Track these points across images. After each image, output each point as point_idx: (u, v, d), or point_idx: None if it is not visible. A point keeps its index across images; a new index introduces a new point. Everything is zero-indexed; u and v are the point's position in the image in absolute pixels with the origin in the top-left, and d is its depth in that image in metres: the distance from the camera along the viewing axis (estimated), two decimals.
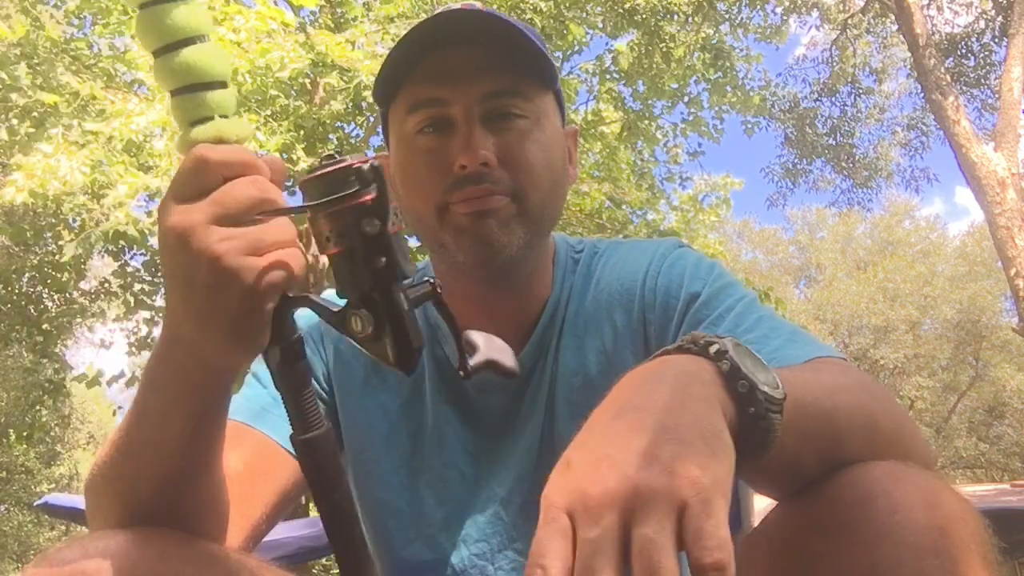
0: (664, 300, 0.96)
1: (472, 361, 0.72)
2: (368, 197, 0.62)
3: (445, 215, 0.92)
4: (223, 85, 0.65)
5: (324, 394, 1.02)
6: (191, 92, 0.64)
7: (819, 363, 0.78)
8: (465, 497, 0.99)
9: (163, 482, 0.71)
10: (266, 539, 0.90)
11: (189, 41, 0.63)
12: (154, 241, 5.92)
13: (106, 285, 9.26)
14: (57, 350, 9.68)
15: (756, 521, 0.73)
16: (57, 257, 8.32)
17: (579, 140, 1.10)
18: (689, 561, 0.45)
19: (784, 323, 0.90)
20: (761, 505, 0.89)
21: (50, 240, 8.51)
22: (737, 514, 1.17)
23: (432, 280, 0.68)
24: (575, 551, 0.47)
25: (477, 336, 0.74)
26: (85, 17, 8.14)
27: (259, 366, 1.02)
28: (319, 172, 0.63)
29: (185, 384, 0.67)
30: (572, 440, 0.54)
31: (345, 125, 8.48)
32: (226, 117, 0.65)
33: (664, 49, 9.66)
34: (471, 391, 1.01)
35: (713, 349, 0.58)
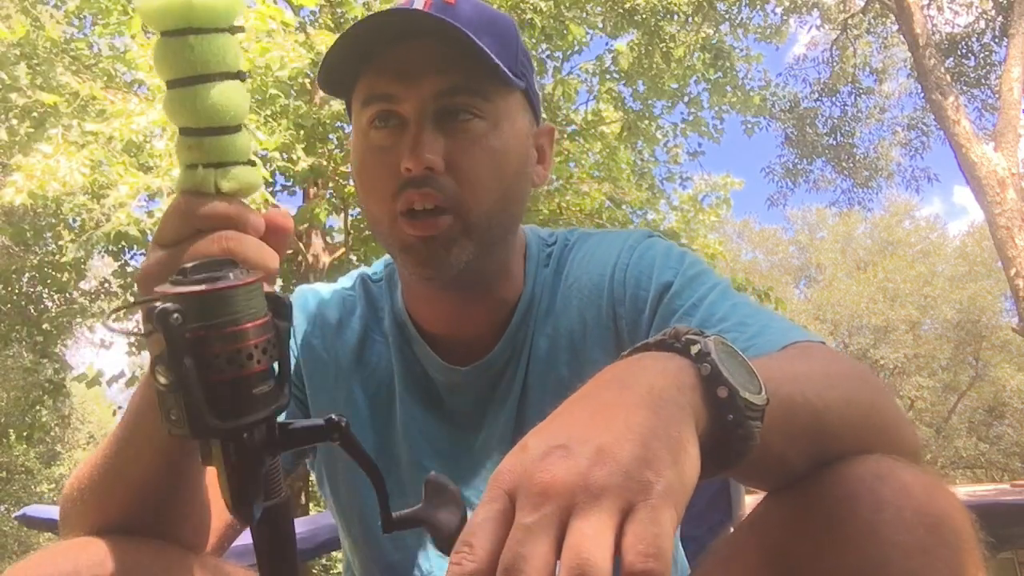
0: (634, 292, 0.94)
1: (400, 513, 0.62)
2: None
3: (394, 228, 0.90)
4: (236, 129, 0.61)
5: (295, 388, 1.02)
6: (199, 136, 0.59)
7: (800, 348, 0.76)
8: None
9: (140, 493, 0.72)
10: None
11: (208, 78, 0.58)
12: None
13: (106, 285, 9.27)
14: (57, 350, 9.69)
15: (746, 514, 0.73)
16: (57, 257, 8.32)
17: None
18: (622, 564, 0.43)
19: (759, 309, 0.88)
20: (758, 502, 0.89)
21: (50, 240, 8.51)
22: (728, 507, 1.17)
23: (334, 418, 0.59)
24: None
25: (435, 483, 0.63)
26: (85, 17, 8.14)
27: None
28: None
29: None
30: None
31: (345, 125, 8.48)
32: (234, 164, 0.61)
33: (664, 49, 9.66)
34: (441, 390, 1.00)
35: (695, 350, 0.55)
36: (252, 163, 0.62)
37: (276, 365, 0.57)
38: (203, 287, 0.52)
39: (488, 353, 0.98)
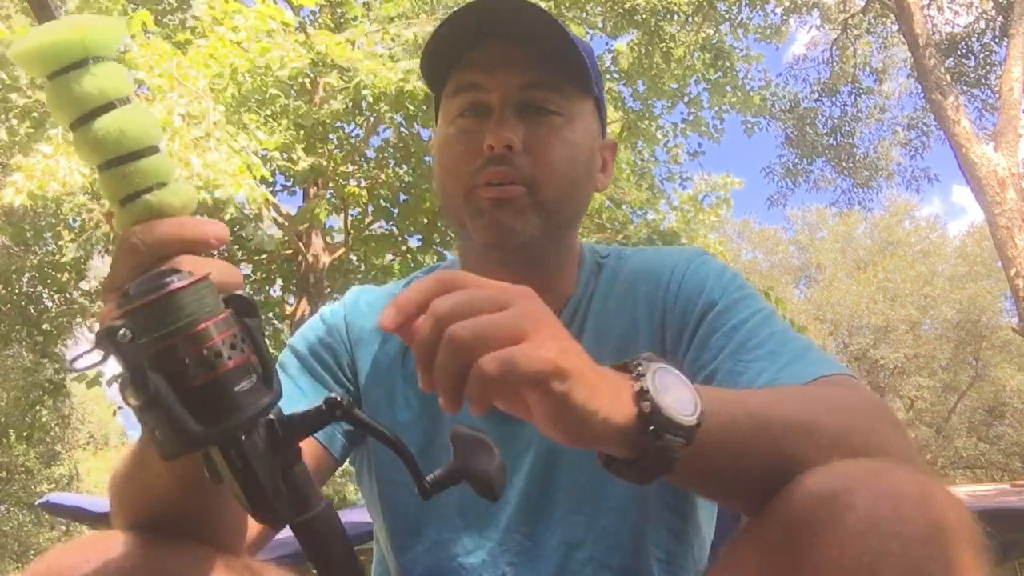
0: (684, 306, 0.98)
1: (434, 476, 0.62)
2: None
3: (470, 197, 0.96)
4: (154, 150, 0.58)
5: (347, 384, 1.03)
6: (118, 165, 0.57)
7: (826, 382, 0.80)
8: (466, 502, 0.98)
9: (166, 506, 0.72)
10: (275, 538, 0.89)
11: (107, 107, 0.56)
12: None
13: None
14: (57, 350, 9.69)
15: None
16: (57, 257, 8.33)
17: (616, 153, 1.13)
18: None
19: (797, 339, 0.89)
20: None
21: (50, 240, 8.51)
22: (738, 513, 1.17)
23: (334, 397, 0.59)
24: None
25: (464, 436, 0.64)
26: None
27: (286, 354, 1.05)
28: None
29: None
30: None
31: (345, 125, 8.49)
32: (164, 185, 0.58)
33: (664, 49, 9.67)
34: None
35: (637, 370, 0.64)
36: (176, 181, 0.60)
37: (256, 359, 0.55)
38: (147, 298, 0.51)
39: None
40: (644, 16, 9.48)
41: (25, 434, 10.44)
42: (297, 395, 0.97)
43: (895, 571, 0.57)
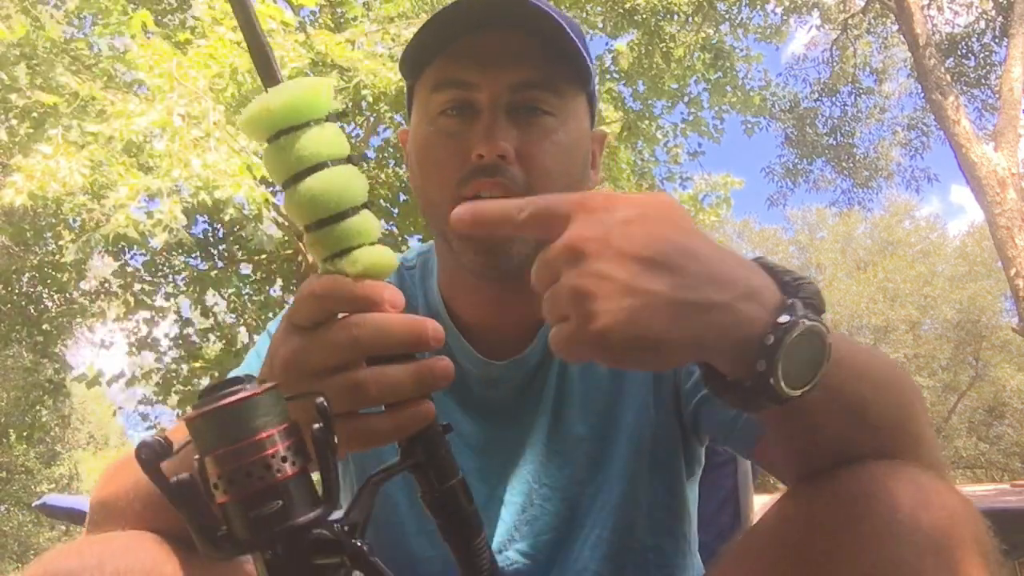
0: None
1: None
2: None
3: None
4: (355, 211, 0.59)
5: None
6: (322, 226, 0.59)
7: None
8: None
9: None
10: None
11: (316, 168, 0.58)
12: (154, 242, 5.92)
13: (106, 285, 9.27)
14: (57, 350, 9.69)
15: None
16: (57, 257, 8.32)
17: (605, 145, 1.06)
18: None
19: None
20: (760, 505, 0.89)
21: (50, 240, 8.51)
22: (736, 512, 1.17)
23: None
24: None
25: None
26: (85, 17, 8.14)
27: (263, 338, 1.04)
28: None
29: None
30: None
31: (345, 125, 8.48)
32: (363, 246, 0.60)
33: (664, 49, 9.66)
34: (475, 384, 0.99)
35: (784, 318, 0.57)
36: (380, 242, 0.61)
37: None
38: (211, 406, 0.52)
39: (526, 348, 0.97)
40: (644, 16, 9.47)
41: (25, 434, 10.43)
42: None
43: None
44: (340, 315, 0.60)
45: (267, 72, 0.60)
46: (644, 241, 0.54)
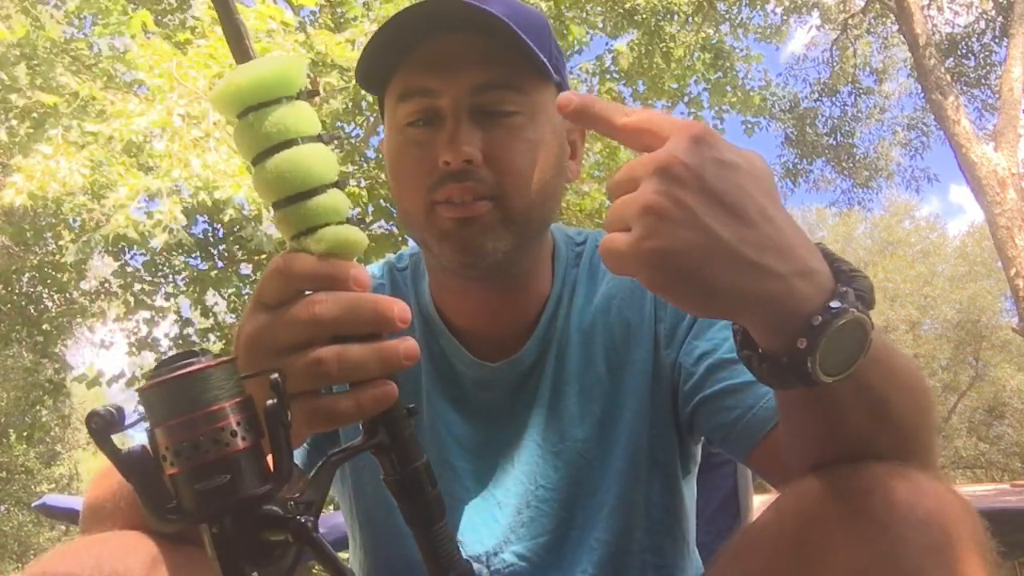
0: None
1: None
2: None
3: (431, 216, 0.89)
4: (323, 190, 0.59)
5: None
6: (289, 204, 0.59)
7: None
8: (460, 494, 0.97)
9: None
10: None
11: (284, 145, 0.58)
12: (154, 242, 5.92)
13: (106, 285, 9.26)
14: (57, 350, 9.68)
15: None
16: (57, 257, 8.32)
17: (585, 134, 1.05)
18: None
19: None
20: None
21: (50, 240, 8.50)
22: (737, 512, 1.17)
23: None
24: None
25: None
26: (85, 17, 8.13)
27: None
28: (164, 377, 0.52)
29: None
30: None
31: (345, 125, 8.48)
32: (331, 224, 0.59)
33: (664, 49, 9.65)
34: (468, 386, 0.99)
35: (834, 305, 0.58)
36: (350, 221, 0.60)
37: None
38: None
39: (518, 349, 0.97)
40: (644, 16, 9.47)
41: (25, 434, 10.41)
42: None
43: None
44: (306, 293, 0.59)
45: (239, 48, 0.59)
46: (730, 187, 0.55)
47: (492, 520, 0.95)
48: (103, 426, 0.51)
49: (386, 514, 0.99)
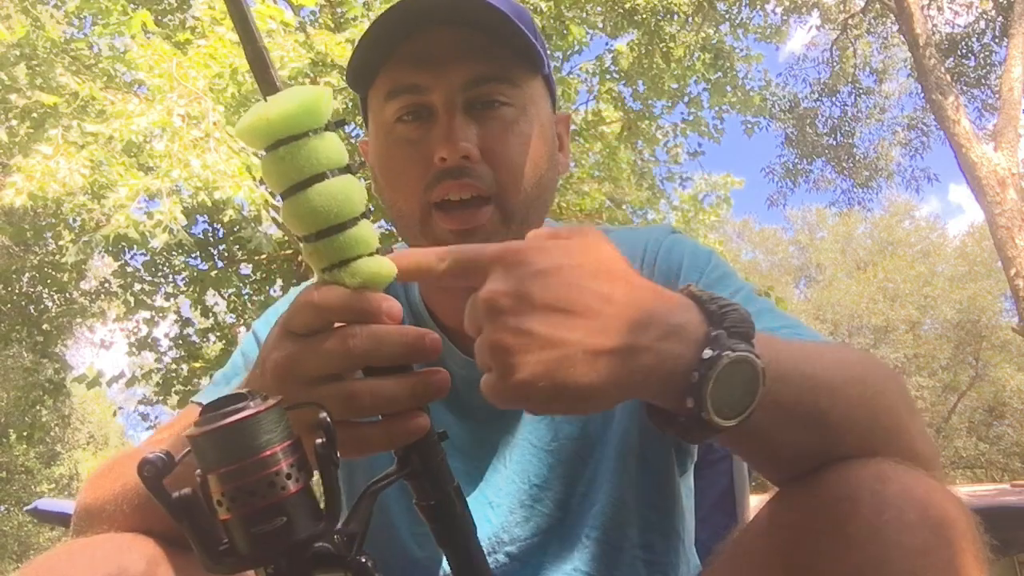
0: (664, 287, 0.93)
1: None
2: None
3: (428, 224, 0.87)
4: (355, 222, 0.59)
5: None
6: (321, 238, 0.58)
7: (827, 346, 0.75)
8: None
9: (171, 531, 0.71)
10: None
11: (315, 179, 0.57)
12: (154, 242, 5.91)
13: (106, 285, 9.26)
14: (57, 350, 9.69)
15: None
16: (57, 257, 8.32)
17: (572, 127, 1.03)
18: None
19: (782, 314, 0.87)
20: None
21: (50, 240, 8.51)
22: (732, 510, 1.17)
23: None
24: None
25: None
26: (85, 17, 8.13)
27: (248, 341, 1.02)
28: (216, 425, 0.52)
29: None
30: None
31: (345, 125, 8.47)
32: (361, 257, 0.59)
33: (664, 49, 9.65)
34: (460, 385, 0.98)
35: (706, 353, 0.57)
36: (378, 252, 0.60)
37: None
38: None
39: None
40: (644, 16, 9.47)
41: (25, 434, 10.41)
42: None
43: None
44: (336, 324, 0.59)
45: (265, 79, 0.59)
46: (558, 292, 0.55)
47: (484, 521, 0.94)
48: (155, 473, 0.52)
49: (381, 515, 0.98)
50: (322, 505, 0.55)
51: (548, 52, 0.95)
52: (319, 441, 0.53)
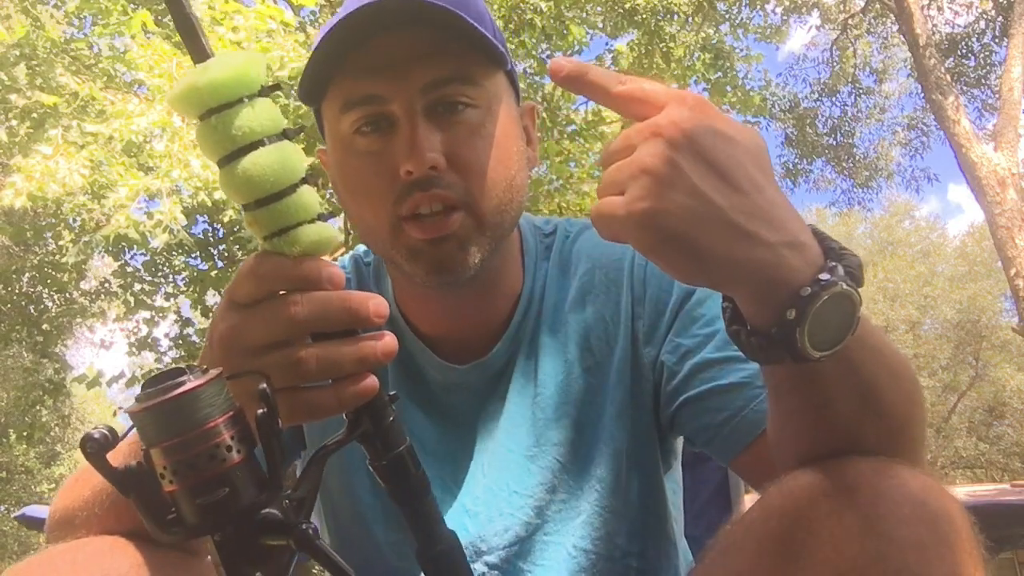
0: (655, 294, 0.91)
1: None
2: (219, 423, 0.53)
3: (399, 234, 0.83)
4: (293, 189, 0.58)
5: None
6: (260, 207, 0.58)
7: None
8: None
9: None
10: None
11: (250, 147, 0.56)
12: (155, 242, 5.91)
13: (106, 285, 9.26)
14: (57, 350, 9.69)
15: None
16: (57, 257, 8.32)
17: (537, 117, 1.00)
18: None
19: None
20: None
21: (50, 240, 8.51)
22: (727, 505, 1.17)
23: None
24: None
25: None
26: (85, 17, 8.13)
27: None
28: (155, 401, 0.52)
29: None
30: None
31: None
32: (303, 223, 0.58)
33: (664, 49, 9.65)
34: (436, 388, 0.95)
35: (824, 276, 0.57)
36: (320, 217, 0.59)
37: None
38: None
39: (488, 351, 0.93)
40: (644, 16, 9.47)
41: (25, 434, 10.41)
42: None
43: (888, 575, 0.57)
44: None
45: (194, 46, 0.57)
46: (725, 156, 0.55)
47: (462, 529, 0.90)
48: (97, 448, 0.52)
49: (351, 518, 0.97)
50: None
51: (505, 41, 0.91)
52: (260, 411, 0.54)
